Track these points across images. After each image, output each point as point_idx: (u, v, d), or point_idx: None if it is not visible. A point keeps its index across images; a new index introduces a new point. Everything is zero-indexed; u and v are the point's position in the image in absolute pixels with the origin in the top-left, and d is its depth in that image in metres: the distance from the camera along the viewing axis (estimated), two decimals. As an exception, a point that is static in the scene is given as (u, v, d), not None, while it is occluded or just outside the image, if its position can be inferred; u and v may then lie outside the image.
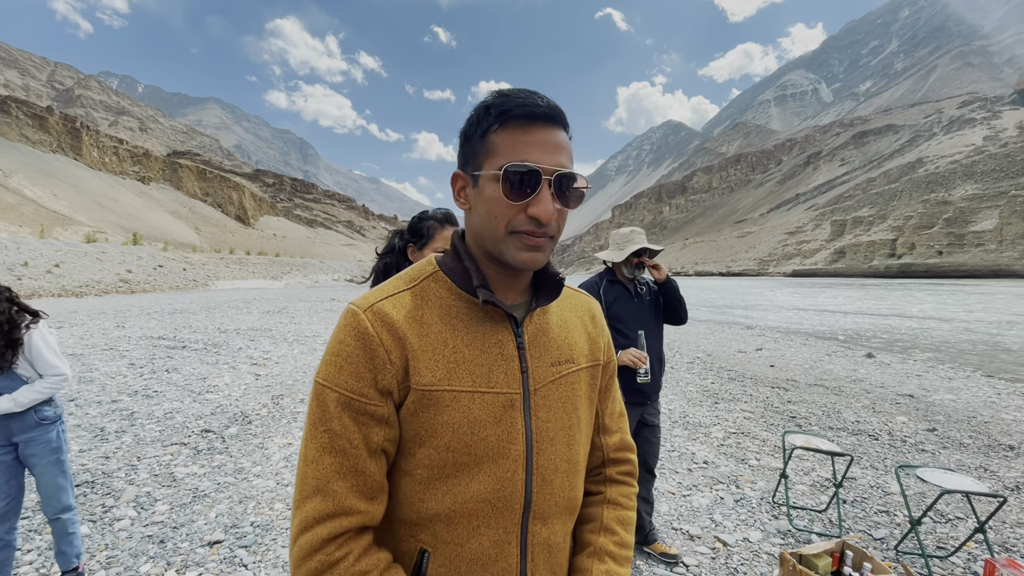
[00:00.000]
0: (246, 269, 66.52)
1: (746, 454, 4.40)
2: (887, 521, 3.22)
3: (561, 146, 0.73)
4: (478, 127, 0.75)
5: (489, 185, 0.73)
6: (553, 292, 0.84)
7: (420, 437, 0.74)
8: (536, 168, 0.70)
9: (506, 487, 0.75)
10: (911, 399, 6.60)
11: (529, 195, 0.71)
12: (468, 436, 0.73)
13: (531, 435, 0.77)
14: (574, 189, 0.74)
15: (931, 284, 66.78)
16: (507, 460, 0.75)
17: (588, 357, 0.89)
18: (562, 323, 0.88)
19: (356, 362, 0.71)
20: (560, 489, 0.81)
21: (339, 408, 0.71)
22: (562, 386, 0.83)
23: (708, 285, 76.41)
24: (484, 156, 0.74)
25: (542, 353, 0.82)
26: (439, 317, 0.77)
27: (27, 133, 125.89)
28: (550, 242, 0.75)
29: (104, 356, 8.57)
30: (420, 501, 0.75)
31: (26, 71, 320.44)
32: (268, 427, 4.94)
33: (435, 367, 0.73)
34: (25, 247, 37.91)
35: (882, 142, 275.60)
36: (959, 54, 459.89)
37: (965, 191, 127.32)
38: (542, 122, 0.72)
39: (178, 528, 2.95)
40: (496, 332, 0.78)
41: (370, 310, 0.74)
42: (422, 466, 0.74)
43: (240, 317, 16.69)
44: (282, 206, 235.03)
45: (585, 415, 0.88)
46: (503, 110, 0.72)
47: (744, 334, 14.72)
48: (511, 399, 0.76)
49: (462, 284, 0.79)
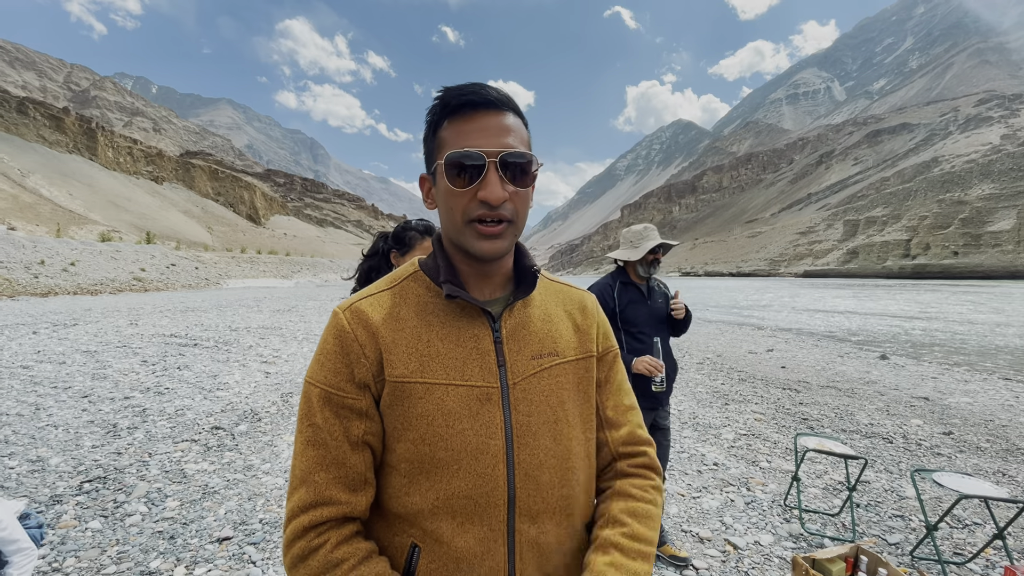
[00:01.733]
0: (257, 268, 67.18)
1: (757, 456, 4.34)
2: (902, 526, 3.16)
3: (507, 128, 0.73)
4: (430, 125, 0.77)
5: (441, 179, 0.74)
6: (530, 285, 0.83)
7: (398, 430, 0.75)
8: (476, 151, 0.71)
9: (487, 483, 0.74)
10: (926, 402, 6.48)
11: (476, 180, 0.71)
12: (443, 429, 0.74)
13: (511, 430, 0.77)
14: (524, 166, 0.74)
15: (947, 285, 65.75)
16: (486, 456, 0.75)
17: (577, 349, 0.87)
18: (545, 316, 0.86)
19: (334, 359, 0.75)
20: (548, 486, 0.79)
21: (321, 403, 0.74)
22: (544, 379, 0.81)
23: (718, 285, 75.85)
24: (437, 152, 0.76)
25: (521, 347, 0.81)
26: (415, 313, 0.79)
27: (44, 134, 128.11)
28: (509, 227, 0.75)
29: (117, 353, 8.68)
30: (406, 495, 0.76)
31: (43, 73, 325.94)
32: (277, 424, 4.97)
33: (408, 360, 0.75)
34: (42, 245, 38.57)
35: (896, 141, 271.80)
36: (976, 51, 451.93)
37: (982, 191, 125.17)
38: (484, 108, 0.73)
39: (188, 524, 2.97)
40: (472, 327, 0.79)
41: (348, 310, 0.78)
42: (404, 460, 0.75)
43: (250, 315, 16.84)
44: (292, 205, 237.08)
45: (575, 409, 0.85)
46: (445, 103, 0.74)
47: (755, 335, 14.58)
48: (487, 392, 0.76)
49: (438, 281, 0.80)
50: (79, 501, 3.22)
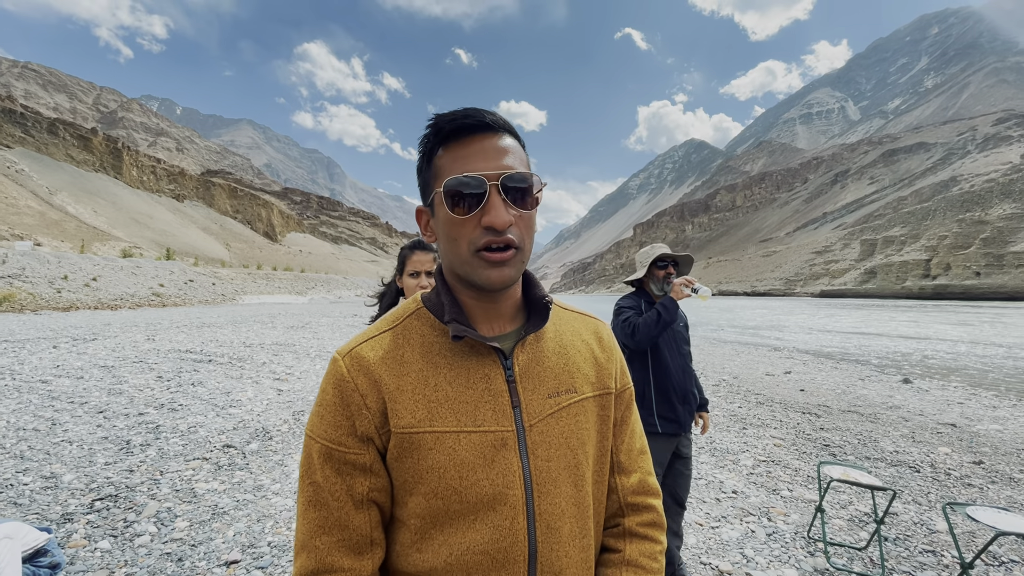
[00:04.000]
0: (272, 284, 68.09)
1: (777, 484, 4.20)
2: (934, 562, 3.01)
3: (505, 150, 0.69)
4: (424, 155, 0.73)
5: (441, 208, 0.70)
6: (542, 317, 0.77)
7: (408, 484, 0.69)
8: (476, 176, 0.66)
9: (506, 537, 0.68)
10: (953, 428, 6.25)
11: (478, 206, 0.67)
12: (457, 481, 0.68)
13: (529, 477, 0.71)
14: (526, 188, 0.70)
15: (969, 307, 64.19)
16: (504, 506, 0.69)
17: (595, 385, 0.80)
18: (561, 349, 0.80)
19: (334, 411, 0.70)
20: (570, 537, 0.73)
21: (321, 459, 0.69)
22: (563, 419, 0.75)
23: (732, 305, 74.98)
24: (434, 182, 0.71)
25: (537, 385, 0.75)
26: (420, 355, 0.73)
27: (72, 153, 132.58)
28: (517, 254, 0.69)
29: (134, 369, 8.79)
30: (417, 552, 0.70)
31: (74, 95, 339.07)
32: (288, 443, 4.95)
33: (415, 408, 0.69)
34: (66, 261, 39.59)
35: (913, 160, 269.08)
36: (993, 71, 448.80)
37: (1003, 210, 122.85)
38: (480, 132, 0.69)
39: (196, 546, 2.94)
40: (483, 367, 0.73)
41: (348, 355, 0.72)
42: (415, 515, 0.70)
43: (265, 331, 17.00)
44: (308, 223, 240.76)
45: (594, 451, 0.79)
46: (438, 129, 0.70)
47: (771, 356, 14.30)
48: (502, 438, 0.70)
49: (442, 319, 0.75)
50: (90, 520, 3.21)
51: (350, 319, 25.62)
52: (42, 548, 1.97)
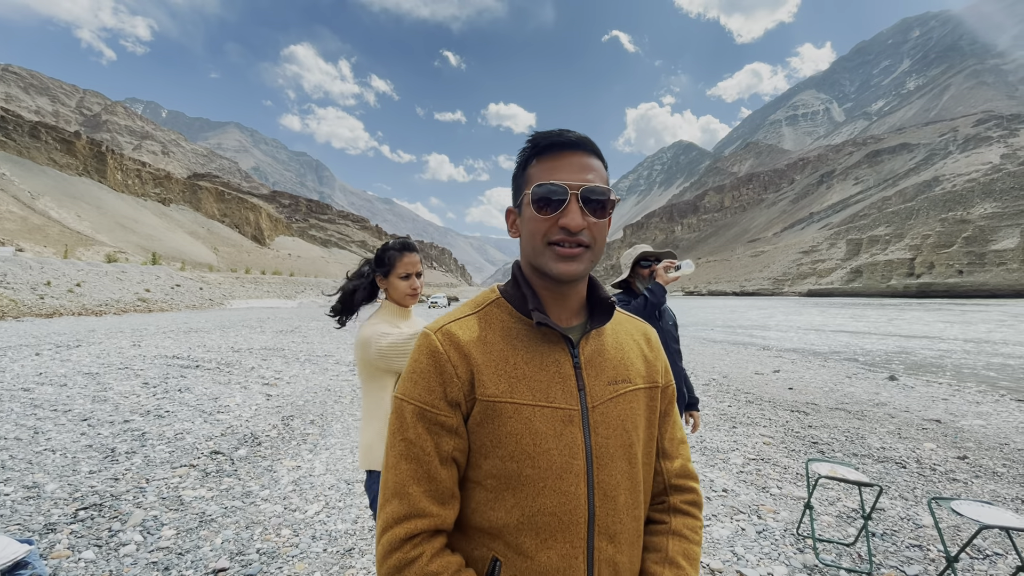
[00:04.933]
0: (261, 288, 67.42)
1: (767, 482, 4.23)
2: (920, 556, 3.05)
3: (588, 166, 0.81)
4: (520, 164, 0.86)
5: (528, 209, 0.82)
6: (606, 315, 0.89)
7: (486, 448, 0.80)
8: (560, 184, 0.78)
9: (570, 501, 0.79)
10: (938, 424, 6.35)
11: (558, 209, 0.79)
12: (531, 447, 0.78)
13: (591, 451, 0.81)
14: (603, 201, 0.80)
15: (952, 304, 65.31)
16: (570, 475, 0.79)
17: (645, 378, 0.92)
18: (618, 345, 0.91)
19: (428, 377, 0.80)
20: (624, 506, 0.83)
21: (414, 419, 0.80)
22: (620, 404, 0.86)
23: (721, 304, 75.55)
24: (525, 186, 0.83)
25: (599, 372, 0.86)
26: (500, 337, 0.84)
27: (55, 157, 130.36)
28: (586, 252, 0.80)
29: (119, 375, 8.64)
30: (491, 511, 0.80)
31: (56, 98, 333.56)
32: (277, 449, 4.90)
33: (498, 380, 0.80)
34: (48, 267, 38.87)
35: (896, 161, 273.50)
36: (973, 73, 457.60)
37: (984, 209, 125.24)
38: (570, 149, 0.81)
39: (183, 555, 2.89)
40: (553, 352, 0.84)
41: (440, 331, 0.83)
42: (490, 476, 0.80)
43: (253, 336, 16.81)
44: (297, 226, 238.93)
45: (644, 435, 0.90)
46: (535, 144, 0.83)
47: (760, 355, 14.43)
48: (570, 415, 0.81)
49: (520, 308, 0.86)
50: (73, 529, 3.14)
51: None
52: (23, 560, 1.91)
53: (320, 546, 3.03)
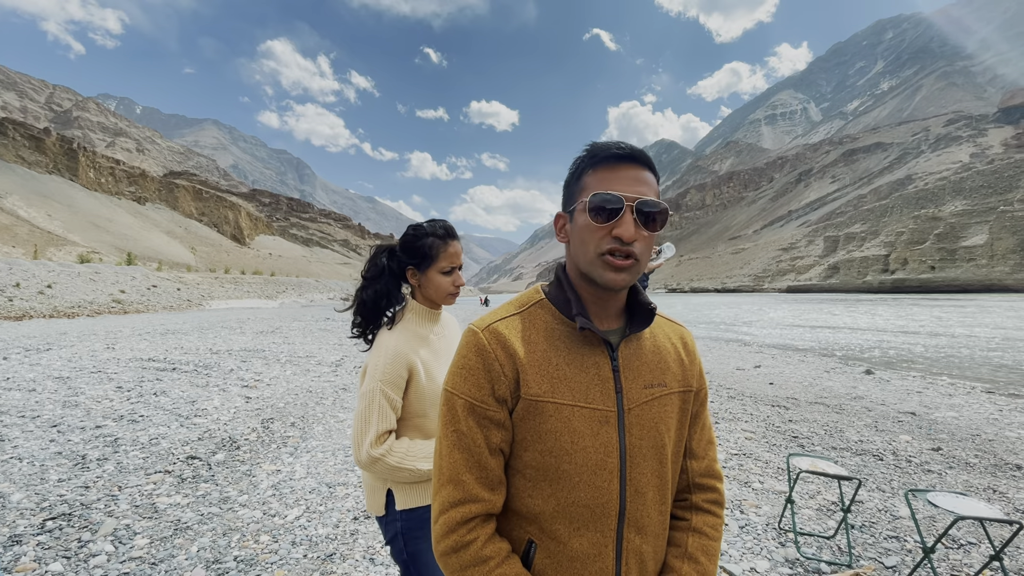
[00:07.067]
0: (241, 288, 66.21)
1: (749, 477, 4.28)
2: (898, 547, 3.10)
3: (644, 180, 0.83)
4: (575, 172, 0.88)
5: (581, 216, 0.84)
6: (645, 320, 0.91)
7: (527, 441, 0.84)
8: (617, 195, 0.80)
9: (603, 495, 0.84)
10: (913, 417, 6.50)
11: (613, 219, 0.81)
12: (568, 444, 0.83)
13: (625, 450, 0.85)
14: (656, 215, 0.83)
15: (925, 299, 67.17)
16: (604, 471, 0.84)
17: (680, 383, 0.95)
18: (655, 349, 0.94)
19: (477, 374, 0.84)
20: (652, 502, 0.89)
21: (465, 412, 0.84)
22: (654, 407, 0.90)
23: (703, 302, 76.51)
24: (579, 194, 0.85)
25: (635, 376, 0.89)
26: (544, 338, 0.88)
27: (23, 154, 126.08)
28: (635, 264, 0.83)
29: (91, 379, 8.38)
30: (529, 497, 0.85)
31: (24, 93, 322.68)
32: (257, 453, 4.79)
33: (540, 380, 0.84)
34: (17, 268, 37.60)
35: (871, 159, 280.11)
36: (943, 74, 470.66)
37: (955, 207, 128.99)
38: (627, 162, 0.83)
39: (157, 564, 2.80)
40: (593, 355, 0.88)
41: (487, 330, 0.87)
42: (530, 467, 0.85)
43: (233, 337, 16.48)
44: (278, 225, 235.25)
45: (675, 437, 0.93)
46: (593, 154, 0.85)
47: (742, 351, 14.63)
48: (606, 416, 0.85)
49: (564, 311, 0.89)
50: (40, 541, 3.02)
51: (323, 323, 25.06)
52: None
53: (300, 552, 2.96)
